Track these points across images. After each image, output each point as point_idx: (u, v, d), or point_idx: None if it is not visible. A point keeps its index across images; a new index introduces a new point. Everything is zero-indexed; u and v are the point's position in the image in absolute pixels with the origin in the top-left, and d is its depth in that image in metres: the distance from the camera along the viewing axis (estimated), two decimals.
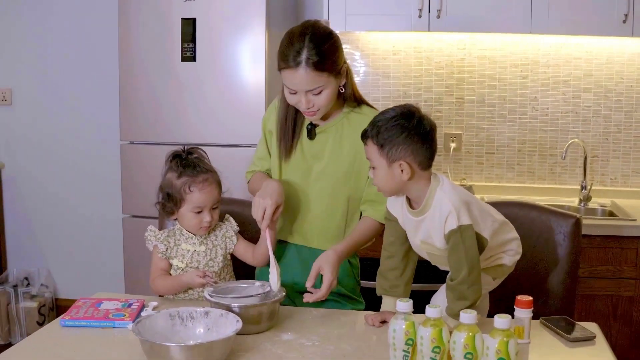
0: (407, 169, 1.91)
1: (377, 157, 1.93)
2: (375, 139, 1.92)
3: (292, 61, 2.11)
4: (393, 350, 1.59)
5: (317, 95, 2.15)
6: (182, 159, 2.29)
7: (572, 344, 1.94)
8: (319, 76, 2.12)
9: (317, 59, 2.09)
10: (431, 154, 1.95)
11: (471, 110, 3.86)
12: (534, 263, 2.41)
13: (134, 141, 3.67)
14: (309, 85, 2.13)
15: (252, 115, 3.38)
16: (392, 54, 3.86)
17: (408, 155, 1.91)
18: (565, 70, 3.76)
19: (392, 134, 1.90)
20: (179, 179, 2.24)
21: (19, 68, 4.42)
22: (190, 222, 2.25)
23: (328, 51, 2.13)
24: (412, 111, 1.94)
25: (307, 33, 2.13)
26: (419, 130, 1.91)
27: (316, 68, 2.10)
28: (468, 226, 1.89)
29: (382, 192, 2.02)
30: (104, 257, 4.45)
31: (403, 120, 1.91)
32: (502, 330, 1.48)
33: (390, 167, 1.92)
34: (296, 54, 2.10)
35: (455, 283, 1.90)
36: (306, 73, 2.11)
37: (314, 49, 2.10)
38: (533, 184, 3.87)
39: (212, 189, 2.25)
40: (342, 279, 2.34)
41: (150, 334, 1.79)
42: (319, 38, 2.12)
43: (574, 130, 3.80)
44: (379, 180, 1.97)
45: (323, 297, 2.11)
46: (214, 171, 2.30)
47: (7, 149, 4.52)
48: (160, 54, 3.56)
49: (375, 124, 1.94)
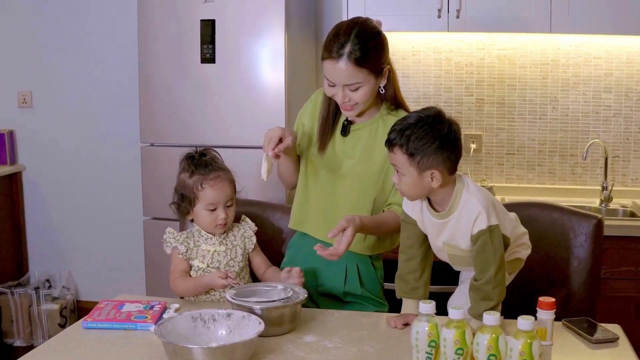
0: (437, 177, 1.88)
1: (405, 165, 1.90)
2: (404, 148, 1.88)
3: (334, 52, 2.12)
4: (416, 352, 1.59)
5: (354, 91, 2.16)
6: (194, 159, 2.30)
7: (595, 346, 1.92)
8: (358, 72, 2.12)
9: (359, 54, 2.10)
10: (459, 158, 1.93)
11: (491, 110, 3.84)
12: (555, 264, 2.40)
13: (155, 143, 3.68)
14: (347, 80, 2.14)
15: (272, 117, 3.38)
16: (412, 54, 3.86)
17: (439, 164, 1.88)
18: (586, 69, 3.73)
19: (424, 143, 1.86)
20: (191, 177, 2.26)
21: (39, 71, 4.44)
22: (206, 220, 2.26)
23: (372, 49, 2.13)
24: (440, 117, 1.90)
25: (355, 28, 2.14)
26: (449, 137, 1.89)
27: (357, 63, 2.11)
28: (496, 226, 1.89)
29: (406, 197, 2.00)
30: (125, 259, 4.46)
31: (433, 128, 1.87)
32: (526, 332, 1.47)
33: (420, 176, 1.89)
34: (340, 46, 2.11)
35: (480, 283, 1.89)
36: (346, 66, 2.11)
37: (358, 44, 2.10)
38: (554, 184, 3.84)
39: (224, 186, 2.26)
40: (366, 282, 2.35)
41: (172, 336, 1.79)
42: (365, 35, 2.13)
43: (594, 131, 3.77)
44: (406, 188, 1.94)
45: (339, 255, 2.07)
46: (227, 170, 2.31)
47: (28, 151, 4.54)
48: (179, 55, 3.57)
49: (402, 132, 1.89)
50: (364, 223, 2.14)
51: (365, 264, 2.35)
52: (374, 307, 2.34)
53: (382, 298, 2.39)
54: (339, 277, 2.34)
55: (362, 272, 2.34)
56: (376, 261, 2.37)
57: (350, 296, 2.35)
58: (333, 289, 2.36)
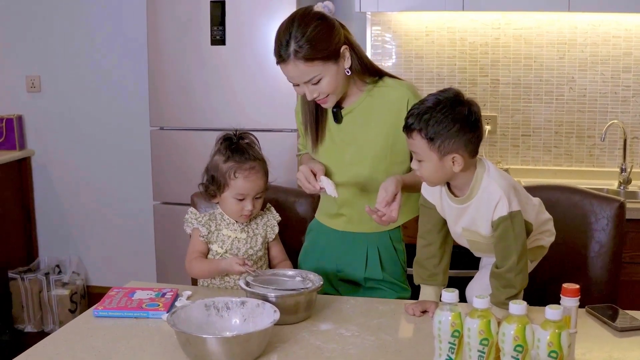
0: (459, 161, 1.82)
1: (425, 150, 1.83)
2: (424, 132, 1.81)
3: (280, 56, 2.05)
4: (438, 343, 1.53)
5: (317, 84, 2.08)
6: (232, 142, 2.24)
7: (620, 334, 1.87)
8: (310, 66, 2.05)
9: (304, 50, 2.02)
10: (480, 141, 1.86)
11: (506, 91, 3.77)
12: (576, 249, 2.36)
13: (164, 127, 3.64)
14: (304, 77, 2.07)
15: (283, 99, 3.32)
16: (425, 34, 3.78)
17: (461, 147, 1.81)
18: (604, 49, 3.65)
19: (444, 126, 1.79)
20: (225, 163, 2.20)
21: (47, 55, 4.40)
22: (232, 208, 2.21)
23: (316, 39, 2.03)
24: (459, 98, 1.83)
25: (294, 24, 2.05)
26: (470, 119, 1.81)
27: (306, 59, 2.03)
28: (518, 212, 1.83)
29: (426, 183, 1.93)
30: (135, 244, 4.43)
31: (452, 110, 1.80)
32: (554, 322, 1.41)
33: (441, 160, 1.82)
34: (285, 47, 2.03)
35: (502, 271, 1.84)
36: (296, 66, 2.04)
37: (301, 39, 2.02)
38: (570, 166, 3.78)
39: (257, 178, 2.20)
40: (387, 266, 2.30)
41: (185, 325, 1.75)
42: (305, 27, 2.03)
43: (612, 111, 3.70)
44: (427, 173, 1.87)
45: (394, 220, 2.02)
46: (263, 160, 2.25)
47: (37, 136, 4.51)
48: (189, 37, 3.51)
49: (421, 116, 1.82)
50: (405, 181, 2.07)
51: (387, 247, 2.30)
52: (395, 292, 2.29)
53: (405, 282, 2.33)
54: (359, 262, 2.30)
55: (383, 256, 2.29)
56: (398, 244, 2.31)
57: (371, 281, 2.31)
58: (354, 275, 2.32)
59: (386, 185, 2.02)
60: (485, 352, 1.47)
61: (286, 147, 3.29)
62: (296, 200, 2.55)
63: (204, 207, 2.43)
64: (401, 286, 2.32)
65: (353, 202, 2.27)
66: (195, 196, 2.50)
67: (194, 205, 2.47)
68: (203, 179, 2.27)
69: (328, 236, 2.34)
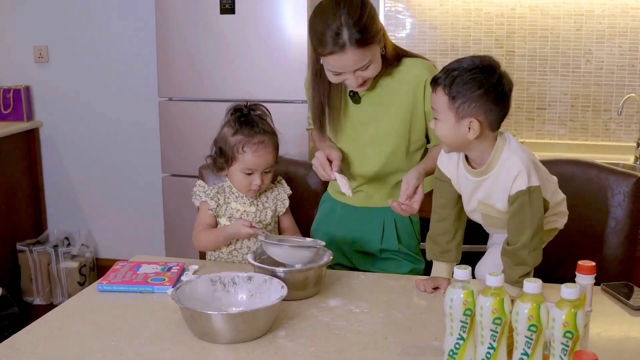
0: (475, 128, 1.76)
1: (444, 108, 1.78)
2: (447, 89, 1.76)
3: (334, 45, 1.97)
4: (450, 321, 1.48)
5: (365, 70, 2.04)
6: (242, 114, 2.19)
7: (636, 312, 1.83)
8: (366, 51, 2.00)
9: (360, 35, 1.96)
10: (503, 116, 1.80)
11: (522, 63, 3.70)
12: (591, 225, 2.31)
13: (173, 97, 3.60)
14: (358, 64, 2.01)
15: (295, 70, 3.27)
16: (439, 4, 3.70)
17: (480, 114, 1.75)
18: (622, 20, 3.56)
19: (468, 88, 1.74)
20: (234, 136, 2.15)
21: (55, 25, 4.35)
22: (240, 183, 2.17)
23: (368, 22, 1.98)
24: (493, 66, 1.78)
25: (341, 9, 1.97)
26: (497, 89, 1.75)
27: (362, 44, 1.97)
28: (537, 187, 1.78)
29: (443, 146, 1.88)
30: (144, 216, 4.42)
31: (482, 75, 1.74)
32: (570, 301, 1.36)
33: (457, 122, 1.77)
34: (336, 36, 1.96)
35: (515, 248, 1.79)
36: (353, 54, 1.98)
37: (354, 25, 1.95)
38: (586, 140, 3.71)
39: (266, 153, 2.15)
40: (403, 237, 2.29)
41: (190, 300, 1.71)
42: (354, 10, 1.97)
43: (630, 85, 3.62)
44: (442, 133, 1.81)
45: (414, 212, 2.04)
46: (273, 133, 2.20)
47: (45, 107, 4.47)
48: (198, 6, 3.45)
49: (449, 72, 1.77)
50: (426, 170, 2.08)
51: (403, 220, 2.28)
52: (410, 263, 2.29)
53: (419, 254, 2.32)
54: (376, 234, 2.28)
55: (399, 227, 2.28)
56: (413, 216, 2.28)
57: (386, 252, 2.29)
58: (369, 246, 2.30)
59: (408, 178, 2.02)
60: (498, 332, 1.42)
61: (297, 119, 3.23)
62: (307, 173, 2.50)
63: (212, 180, 2.40)
64: (416, 257, 2.31)
65: (372, 180, 2.25)
66: (204, 168, 2.47)
67: (202, 178, 2.44)
68: (212, 151, 2.23)
69: (344, 208, 2.31)
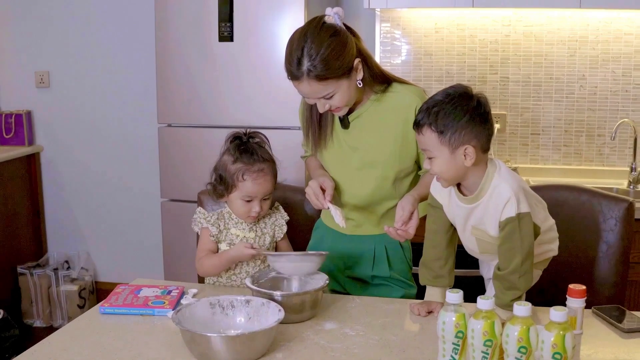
0: (471, 154, 1.80)
1: (436, 145, 1.82)
2: (433, 126, 1.80)
3: (293, 74, 2.02)
4: (442, 343, 1.53)
5: (330, 99, 2.07)
6: (241, 142, 2.23)
7: (626, 335, 1.86)
8: (325, 85, 2.02)
9: (318, 69, 1.98)
10: (491, 135, 1.85)
11: (516, 89, 3.75)
12: (583, 249, 2.35)
13: (172, 124, 3.64)
14: (317, 94, 2.05)
15: (292, 97, 3.25)
16: (435, 31, 3.77)
17: (472, 139, 1.80)
18: (615, 46, 3.63)
19: (453, 118, 1.79)
20: (234, 164, 2.19)
21: (56, 51, 4.41)
22: (240, 209, 2.21)
23: (330, 57, 1.99)
24: (467, 92, 1.83)
25: (306, 40, 2.00)
26: (479, 111, 1.81)
27: (319, 79, 2.00)
28: (527, 214, 1.82)
29: (441, 182, 1.91)
30: (143, 241, 4.45)
31: (462, 102, 1.80)
32: (559, 324, 1.40)
33: (453, 154, 1.81)
34: (297, 65, 2.00)
35: (506, 273, 1.83)
36: (310, 85, 2.02)
37: (314, 59, 1.97)
38: (580, 165, 3.75)
39: (265, 181, 2.19)
40: (394, 264, 2.31)
41: (190, 323, 1.75)
42: (319, 44, 1.99)
43: (623, 110, 3.67)
44: (439, 170, 1.85)
45: (410, 237, 2.07)
46: (272, 161, 2.24)
47: (46, 132, 4.53)
48: (197, 34, 3.51)
49: (429, 110, 1.81)
50: (420, 196, 2.11)
51: (394, 246, 2.31)
52: (402, 289, 2.31)
53: (411, 279, 2.35)
54: (367, 260, 2.31)
55: (390, 254, 2.31)
56: (404, 242, 2.32)
57: (378, 278, 2.32)
58: (361, 272, 2.33)
59: (403, 204, 2.06)
60: (489, 354, 1.46)
61: (294, 145, 3.26)
62: (304, 199, 2.54)
63: (210, 205, 2.44)
64: (408, 283, 2.33)
65: (361, 208, 2.28)
66: (202, 194, 2.50)
67: (201, 203, 2.48)
68: (211, 178, 2.26)
69: (335, 235, 2.34)
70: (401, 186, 2.25)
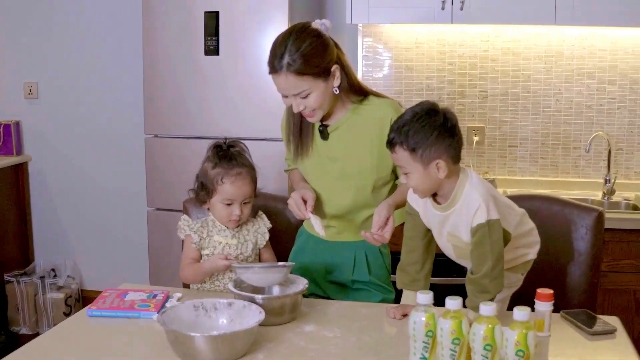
0: (443, 167, 1.89)
1: (409, 162, 1.91)
2: (405, 145, 1.89)
3: (273, 66, 2.12)
4: (413, 342, 1.60)
5: (305, 98, 2.15)
6: (221, 150, 2.31)
7: (593, 338, 1.94)
8: (301, 80, 2.12)
9: (297, 64, 2.09)
10: (461, 146, 1.94)
11: (494, 103, 3.84)
12: (555, 257, 2.41)
13: (159, 134, 3.70)
14: (293, 90, 2.14)
15: (275, 109, 3.34)
16: (415, 46, 3.85)
17: (442, 153, 1.89)
18: (590, 62, 3.73)
19: (422, 135, 1.87)
20: (213, 169, 2.27)
21: (45, 62, 4.46)
22: (221, 213, 2.28)
23: (310, 54, 2.11)
24: (434, 107, 1.92)
25: (291, 37, 2.12)
26: (447, 125, 1.89)
27: (297, 73, 2.10)
28: (496, 220, 1.90)
29: (418, 193, 1.99)
30: (129, 249, 4.49)
31: (430, 119, 1.89)
32: (522, 323, 1.48)
33: (426, 169, 1.90)
34: (279, 59, 2.10)
35: (477, 277, 1.91)
36: (287, 78, 2.11)
37: (295, 53, 2.09)
38: (556, 177, 3.84)
39: (243, 184, 2.26)
40: (374, 269, 2.38)
41: (174, 324, 1.81)
42: (301, 42, 2.11)
43: (598, 123, 3.77)
44: (415, 184, 1.94)
45: (386, 242, 2.18)
46: (251, 167, 2.31)
47: (34, 142, 4.57)
48: (184, 47, 3.58)
49: (399, 130, 1.90)
50: (395, 203, 2.20)
51: (374, 252, 2.38)
52: (380, 293, 2.38)
53: (390, 285, 2.42)
54: (347, 266, 2.38)
55: (370, 260, 2.38)
56: (384, 248, 2.40)
57: (358, 283, 2.39)
58: (342, 277, 2.40)
59: (379, 210, 2.15)
60: (457, 351, 1.54)
61: (276, 156, 3.34)
62: (286, 207, 2.59)
63: (195, 214, 2.49)
64: (387, 288, 2.40)
65: (341, 216, 2.36)
66: (187, 203, 2.56)
67: (186, 212, 2.54)
68: (194, 185, 2.34)
69: (317, 242, 2.41)
70: (379, 195, 2.32)
